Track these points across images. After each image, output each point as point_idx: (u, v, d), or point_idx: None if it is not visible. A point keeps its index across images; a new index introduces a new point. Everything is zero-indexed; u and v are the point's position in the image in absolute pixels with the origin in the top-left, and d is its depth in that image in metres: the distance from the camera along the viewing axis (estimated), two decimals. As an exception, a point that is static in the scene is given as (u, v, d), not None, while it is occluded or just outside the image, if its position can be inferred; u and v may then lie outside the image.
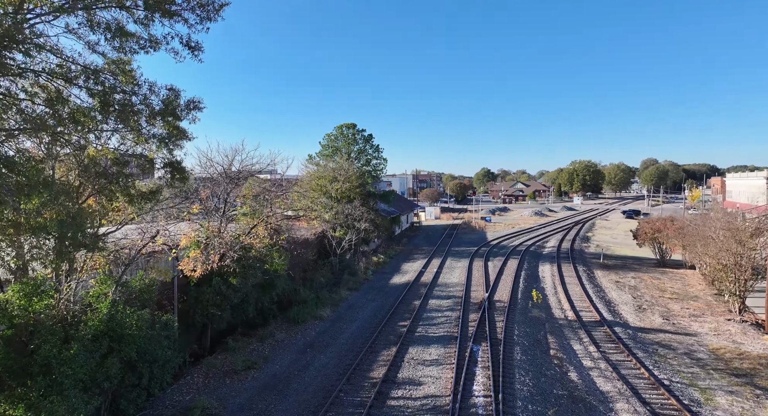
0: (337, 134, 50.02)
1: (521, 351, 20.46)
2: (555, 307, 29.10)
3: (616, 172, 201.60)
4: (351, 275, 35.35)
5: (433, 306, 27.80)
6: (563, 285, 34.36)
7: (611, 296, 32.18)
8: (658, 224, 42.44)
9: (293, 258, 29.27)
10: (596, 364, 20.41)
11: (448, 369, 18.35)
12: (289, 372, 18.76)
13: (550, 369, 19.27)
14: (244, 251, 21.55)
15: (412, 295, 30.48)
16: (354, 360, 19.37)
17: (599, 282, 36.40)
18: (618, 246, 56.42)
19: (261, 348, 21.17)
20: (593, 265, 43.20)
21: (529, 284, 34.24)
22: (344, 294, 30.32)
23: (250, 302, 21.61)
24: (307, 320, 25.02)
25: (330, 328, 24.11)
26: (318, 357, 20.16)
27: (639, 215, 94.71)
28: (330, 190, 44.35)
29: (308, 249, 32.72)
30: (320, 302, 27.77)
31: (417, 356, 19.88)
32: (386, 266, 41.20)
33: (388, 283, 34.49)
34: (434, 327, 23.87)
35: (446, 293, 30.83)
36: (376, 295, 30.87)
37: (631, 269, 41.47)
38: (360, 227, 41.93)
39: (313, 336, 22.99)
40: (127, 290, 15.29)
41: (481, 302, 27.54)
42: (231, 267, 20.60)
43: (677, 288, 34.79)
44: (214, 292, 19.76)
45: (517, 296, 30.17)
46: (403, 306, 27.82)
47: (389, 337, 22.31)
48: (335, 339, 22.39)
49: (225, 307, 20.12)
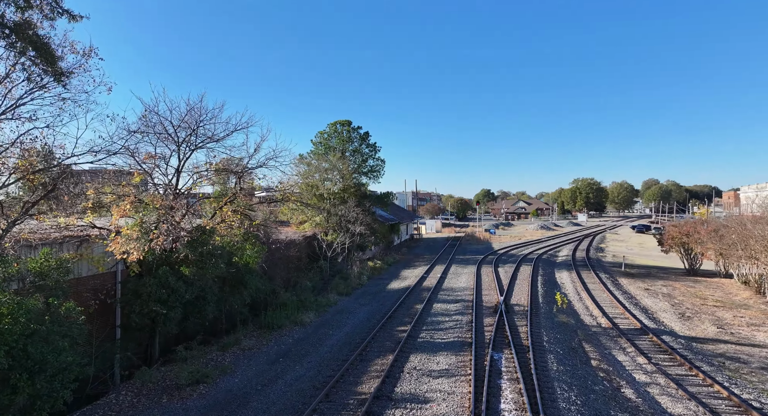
0: (331, 132, 45.89)
1: (556, 360, 15.79)
2: (583, 313, 24.42)
3: (619, 190, 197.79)
4: (343, 279, 30.72)
5: (439, 310, 23.13)
6: (588, 291, 29.69)
7: (645, 303, 27.51)
8: (687, 227, 37.94)
9: (274, 257, 24.76)
10: (653, 379, 15.70)
11: (463, 382, 13.66)
12: (250, 386, 14.06)
13: (597, 383, 14.57)
14: (204, 235, 17.08)
15: (414, 299, 25.82)
16: (337, 370, 14.68)
17: (627, 289, 31.72)
18: (636, 256, 51.83)
19: (221, 358, 16.48)
20: (615, 273, 38.54)
21: (549, 289, 29.59)
22: (333, 299, 25.66)
23: (209, 300, 16.94)
24: (284, 325, 20.38)
25: (312, 335, 19.42)
26: (292, 368, 15.45)
27: (649, 230, 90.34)
28: (322, 190, 40.09)
29: (292, 249, 28.17)
30: (303, 306, 23.14)
31: (421, 365, 15.18)
32: (383, 273, 36.52)
33: (385, 288, 29.81)
34: (441, 332, 19.18)
35: (453, 297, 26.16)
36: (371, 300, 26.19)
37: (658, 278, 36.80)
38: (355, 230, 37.46)
39: (289, 343, 18.30)
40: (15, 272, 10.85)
41: (497, 306, 22.90)
42: (183, 253, 16.12)
43: (719, 296, 30.08)
44: (159, 284, 15.15)
45: (538, 300, 25.50)
46: (402, 310, 23.15)
47: (385, 343, 17.62)
48: (317, 347, 17.70)
49: (174, 304, 15.45)
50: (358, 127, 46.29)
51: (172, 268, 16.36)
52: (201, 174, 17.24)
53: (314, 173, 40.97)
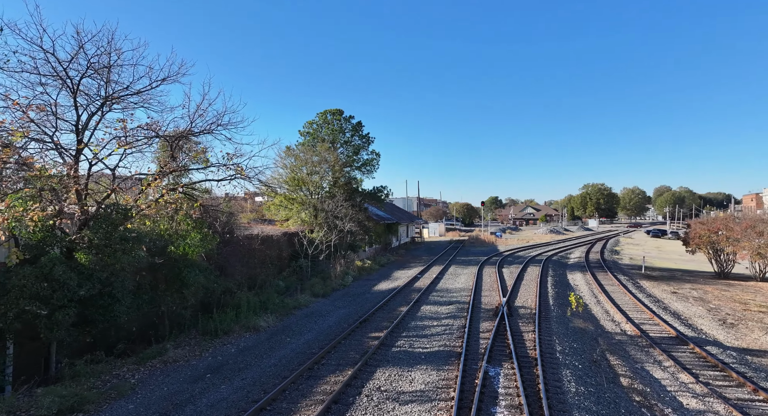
0: (321, 122, 42.16)
1: (573, 377, 11.66)
2: (603, 318, 20.22)
3: (630, 196, 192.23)
4: (322, 279, 26.72)
5: (427, 313, 19.04)
6: (606, 294, 25.43)
7: (675, 308, 23.23)
8: (716, 224, 33.50)
9: (237, 252, 20.89)
10: (707, 405, 11.52)
11: (442, 411, 9.59)
12: (147, 415, 10.08)
13: (633, 411, 10.43)
14: (117, 214, 13.26)
15: (399, 301, 21.76)
16: (269, 392, 10.64)
17: (650, 292, 27.39)
18: (655, 259, 47.36)
19: (130, 374, 12.52)
20: (634, 275, 34.16)
21: (561, 291, 25.39)
22: (305, 300, 21.67)
23: (119, 298, 12.98)
24: (233, 331, 16.44)
25: (264, 343, 15.43)
26: (216, 388, 11.45)
27: (665, 234, 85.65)
28: (308, 184, 36.30)
29: (271, 246, 24.17)
30: (265, 308, 19.21)
31: (388, 384, 11.11)
32: (373, 273, 32.47)
33: (370, 290, 25.75)
34: (425, 339, 15.09)
35: (447, 299, 22.06)
36: (350, 302, 22.16)
37: (684, 281, 32.39)
38: (344, 227, 33.54)
39: (230, 354, 14.32)
40: None
41: (498, 308, 18.80)
42: (84, 236, 12.31)
43: (761, 301, 25.66)
44: (38, 276, 11.26)
45: (548, 302, 21.35)
46: (382, 314, 19.10)
47: (348, 354, 13.57)
48: (262, 359, 13.70)
49: (61, 303, 11.52)
50: (350, 116, 42.57)
51: (68, 255, 12.55)
52: (115, 136, 13.36)
53: (301, 166, 37.15)
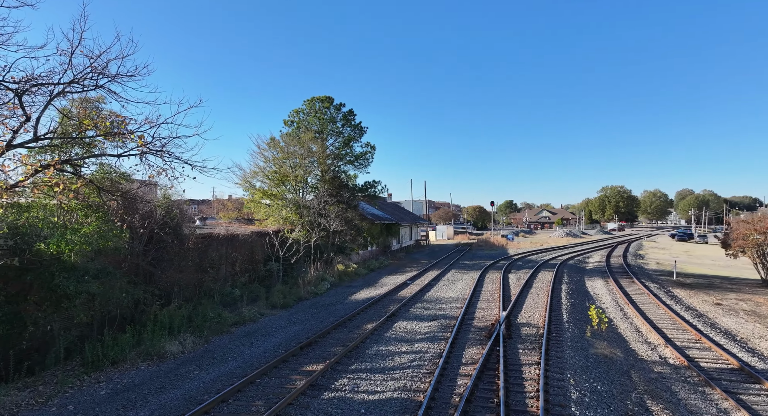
0: (308, 110, 37.91)
1: (599, 457, 7.01)
2: (633, 339, 15.41)
3: (651, 199, 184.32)
4: (289, 287, 22.33)
5: (400, 332, 14.47)
6: (634, 305, 20.58)
7: (726, 325, 18.26)
8: (765, 222, 28.20)
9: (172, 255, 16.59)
10: None
11: None
12: None
13: None
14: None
15: (371, 315, 17.22)
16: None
17: (689, 303, 22.38)
18: (686, 265, 41.92)
19: None
20: (665, 283, 29.05)
21: (578, 302, 20.58)
22: (252, 314, 17.23)
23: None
24: (126, 360, 12.08)
25: (159, 378, 11.04)
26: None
27: (692, 238, 79.53)
28: (290, 177, 32.06)
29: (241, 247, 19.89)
30: (191, 326, 14.89)
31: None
32: (357, 279, 27.95)
33: (346, 299, 21.25)
34: (379, 375, 10.53)
35: (432, 312, 17.44)
36: (313, 315, 17.70)
37: (726, 290, 27.20)
38: (329, 226, 29.21)
39: (98, 397, 9.94)
40: None
41: (493, 327, 14.14)
42: None
43: (831, 314, 20.53)
44: None
45: (561, 318, 16.58)
46: (340, 333, 14.58)
47: (251, 405, 9.08)
48: (137, 408, 9.30)
49: None
50: (341, 104, 38.24)
51: None
52: None
53: (284, 158, 32.91)
